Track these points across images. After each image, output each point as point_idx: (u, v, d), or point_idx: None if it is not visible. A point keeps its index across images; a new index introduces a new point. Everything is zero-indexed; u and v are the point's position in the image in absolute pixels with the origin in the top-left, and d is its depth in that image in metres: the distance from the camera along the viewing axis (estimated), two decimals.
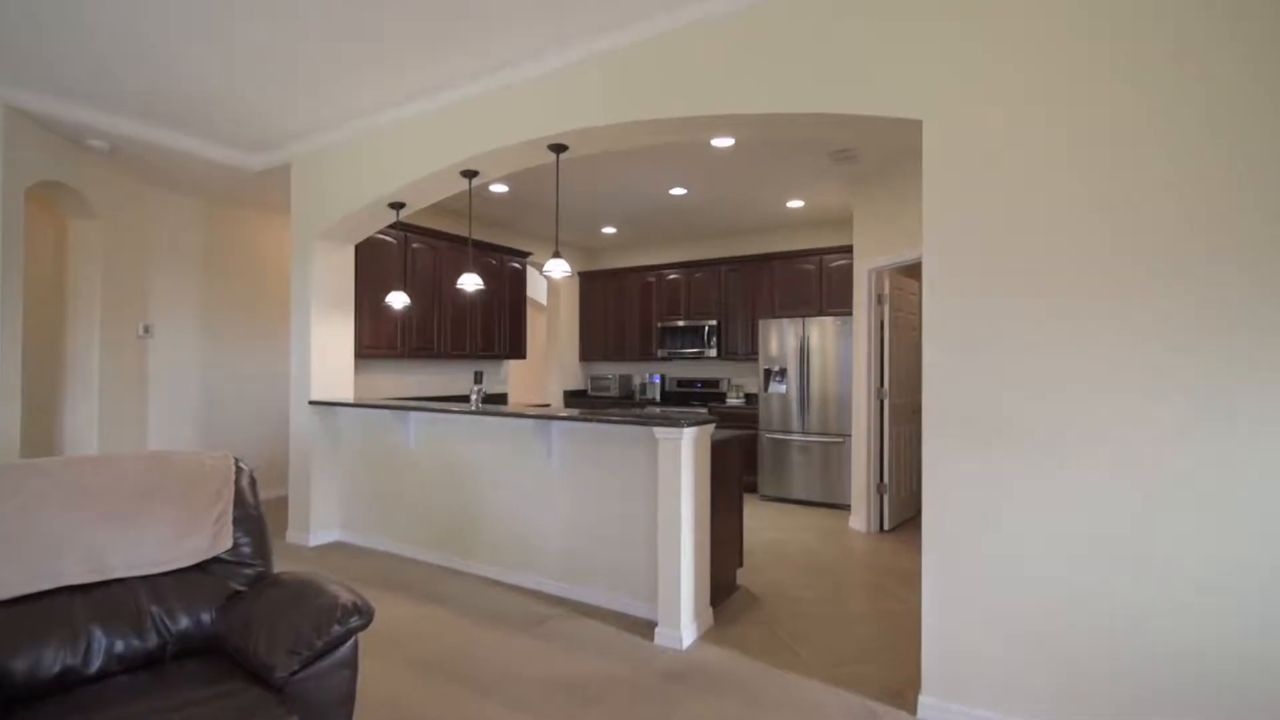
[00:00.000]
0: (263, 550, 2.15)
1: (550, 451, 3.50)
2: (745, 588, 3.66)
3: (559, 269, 3.41)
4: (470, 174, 3.79)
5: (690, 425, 2.89)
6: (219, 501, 2.07)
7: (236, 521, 2.07)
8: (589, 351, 7.86)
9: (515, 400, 8.64)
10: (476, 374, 6.41)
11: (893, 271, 4.96)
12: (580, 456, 3.41)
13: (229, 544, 2.03)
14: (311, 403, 4.39)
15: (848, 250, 6.05)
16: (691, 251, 7.51)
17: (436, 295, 5.56)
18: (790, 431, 5.90)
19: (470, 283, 3.82)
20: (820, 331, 5.75)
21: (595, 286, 7.81)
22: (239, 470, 2.20)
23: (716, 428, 3.29)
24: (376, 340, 5.05)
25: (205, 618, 1.88)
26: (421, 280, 5.42)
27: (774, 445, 5.97)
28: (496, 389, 6.61)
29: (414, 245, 5.36)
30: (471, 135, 3.55)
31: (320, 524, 4.49)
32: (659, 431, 2.93)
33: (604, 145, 3.36)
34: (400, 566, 3.97)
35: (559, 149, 3.40)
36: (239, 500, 2.13)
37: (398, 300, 4.24)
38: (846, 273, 6.08)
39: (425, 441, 4.10)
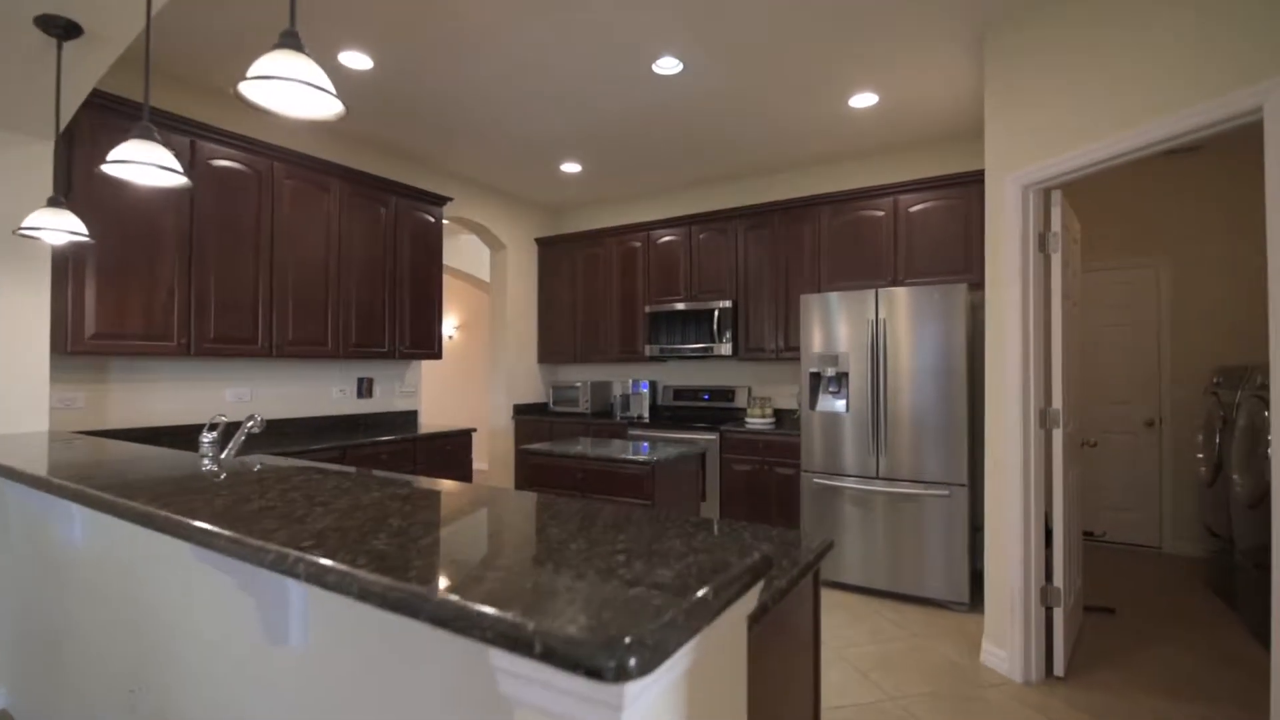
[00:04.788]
0: None
1: (287, 620, 1.23)
2: None
3: (268, 75, 1.15)
4: None
5: (643, 672, 0.60)
6: None
7: None
8: (551, 349, 5.61)
9: (433, 422, 6.41)
10: (360, 382, 4.19)
11: (1065, 194, 2.70)
12: (366, 635, 1.15)
13: None
14: None
15: (943, 182, 3.78)
16: (694, 200, 5.25)
17: (261, 248, 3.32)
18: (849, 474, 3.63)
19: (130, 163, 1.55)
20: (900, 310, 3.48)
21: (559, 257, 5.57)
22: None
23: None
24: (119, 323, 2.80)
25: None
26: (224, 217, 3.18)
27: (823, 496, 3.70)
28: (400, 404, 4.37)
29: (215, 163, 3.11)
30: None
31: None
32: (513, 690, 0.65)
33: None
34: None
35: None
36: None
37: (53, 226, 1.99)
38: (938, 218, 3.82)
39: (97, 539, 1.86)
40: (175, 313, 2.98)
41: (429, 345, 4.22)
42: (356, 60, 3.06)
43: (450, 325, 8.31)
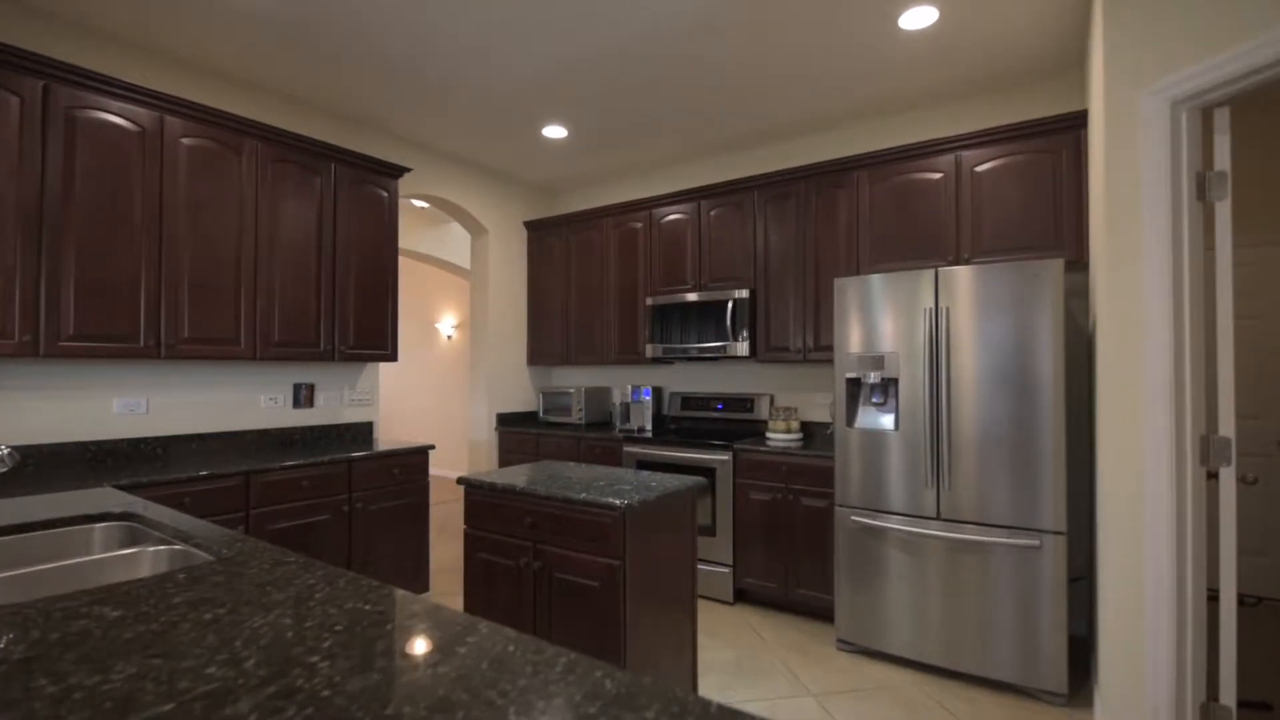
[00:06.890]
0: None
1: None
2: None
3: None
4: None
5: None
6: None
7: None
8: (541, 350, 4.87)
9: (392, 435, 5.80)
10: (297, 389, 3.50)
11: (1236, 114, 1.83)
12: None
13: None
14: None
15: (1023, 131, 2.91)
16: (704, 173, 4.44)
17: (145, 223, 2.63)
18: (898, 512, 2.78)
19: None
20: (966, 296, 2.63)
21: (549, 242, 4.82)
22: None
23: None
24: None
25: None
26: (92, 183, 2.50)
27: (863, 539, 2.86)
28: (350, 415, 3.67)
29: (80, 114, 2.44)
30: None
31: None
32: None
33: None
34: None
35: None
36: None
37: None
38: (1017, 177, 2.94)
39: None
40: (17, 302, 2.31)
41: (380, 345, 3.51)
42: None
43: (448, 325, 7.65)
